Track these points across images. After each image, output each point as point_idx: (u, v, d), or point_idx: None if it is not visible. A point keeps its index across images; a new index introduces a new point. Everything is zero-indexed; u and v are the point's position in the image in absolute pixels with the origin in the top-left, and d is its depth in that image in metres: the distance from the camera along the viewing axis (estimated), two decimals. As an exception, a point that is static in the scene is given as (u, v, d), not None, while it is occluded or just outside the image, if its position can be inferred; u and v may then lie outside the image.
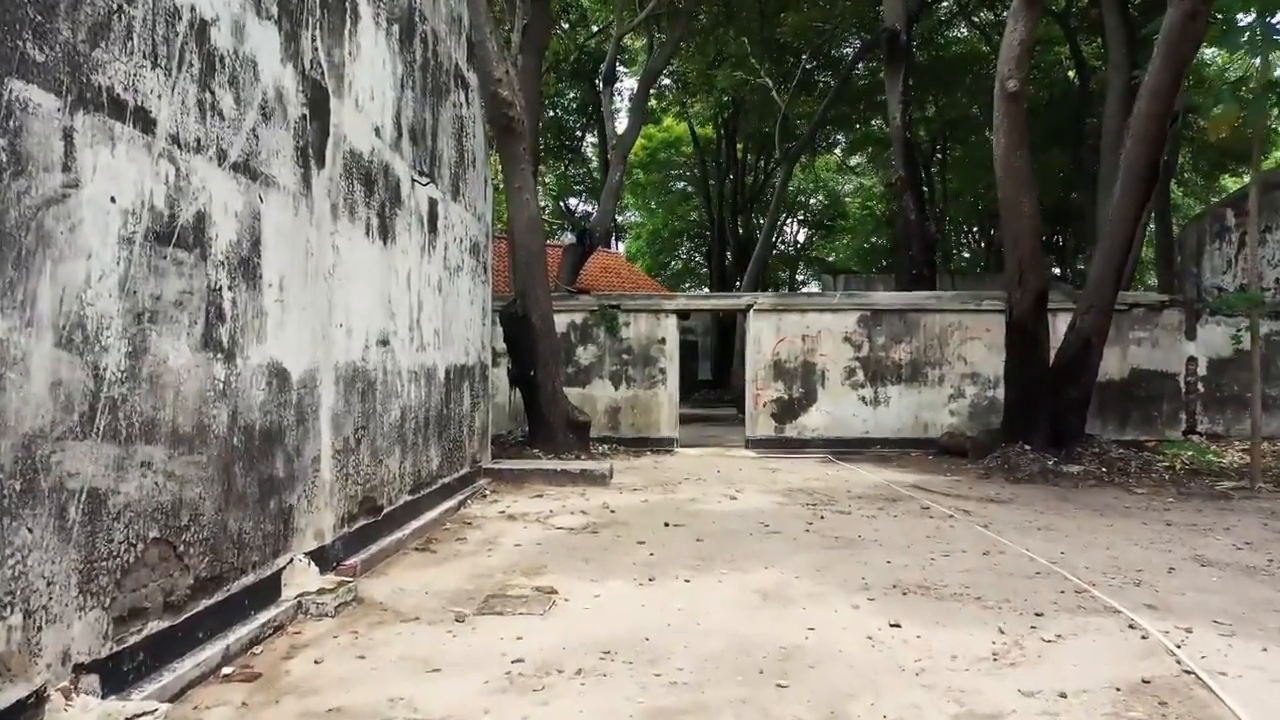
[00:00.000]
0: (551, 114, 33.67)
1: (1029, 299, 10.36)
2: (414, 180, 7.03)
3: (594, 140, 34.72)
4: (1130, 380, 13.13)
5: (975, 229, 37.40)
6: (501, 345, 12.52)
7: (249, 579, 4.33)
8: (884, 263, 38.34)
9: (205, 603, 3.91)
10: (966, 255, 39.22)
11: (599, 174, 32.70)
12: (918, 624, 4.57)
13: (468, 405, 8.96)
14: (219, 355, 4.04)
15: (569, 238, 16.21)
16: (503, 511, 8.03)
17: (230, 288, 4.14)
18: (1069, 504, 8.49)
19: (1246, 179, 31.84)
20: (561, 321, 13.30)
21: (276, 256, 4.63)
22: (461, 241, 8.65)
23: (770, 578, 5.55)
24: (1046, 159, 26.68)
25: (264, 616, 4.36)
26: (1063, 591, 5.21)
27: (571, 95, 33.28)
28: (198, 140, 3.85)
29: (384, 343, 6.33)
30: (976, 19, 25.32)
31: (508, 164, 11.70)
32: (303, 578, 4.87)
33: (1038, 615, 4.70)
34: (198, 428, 3.85)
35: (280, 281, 4.68)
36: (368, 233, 6.02)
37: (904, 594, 5.18)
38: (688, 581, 5.44)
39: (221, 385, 4.06)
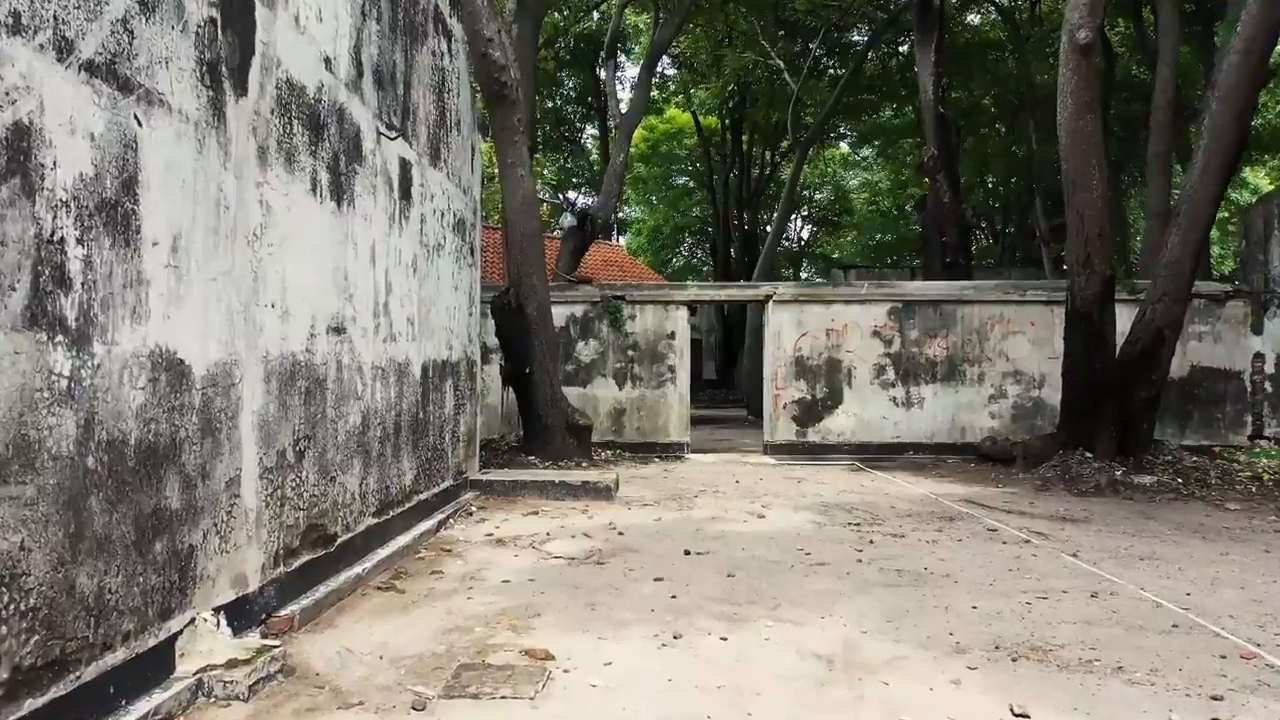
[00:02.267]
0: (550, 104, 32.48)
1: (1095, 284, 9.08)
2: (380, 133, 5.75)
3: (594, 132, 33.53)
4: (1189, 379, 11.86)
5: (984, 223, 36.14)
6: (494, 340, 11.27)
7: (117, 656, 3.06)
8: (890, 260, 37.09)
9: (31, 704, 2.64)
10: (973, 251, 37.91)
11: (599, 167, 31.47)
12: (1050, 711, 3.30)
13: (450, 407, 7.69)
14: (59, 337, 2.76)
15: (568, 219, 14.88)
16: (490, 534, 6.76)
17: (82, 241, 2.87)
18: (1157, 524, 7.23)
19: (1264, 173, 30.58)
20: (560, 314, 12.03)
21: (167, 204, 3.35)
22: (443, 215, 7.38)
23: (831, 632, 4.28)
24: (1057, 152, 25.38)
25: (142, 708, 3.09)
26: (1223, 656, 3.94)
27: (571, 84, 32.11)
28: (15, 15, 2.57)
29: (338, 330, 5.06)
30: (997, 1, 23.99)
31: (500, 136, 10.43)
32: (209, 644, 3.59)
33: (1215, 699, 3.43)
34: (17, 445, 2.58)
35: (175, 240, 3.40)
36: (314, 190, 4.74)
37: (1013, 659, 3.90)
38: (724, 639, 4.17)
39: (66, 382, 2.79)
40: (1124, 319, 10.03)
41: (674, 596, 4.92)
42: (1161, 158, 13.47)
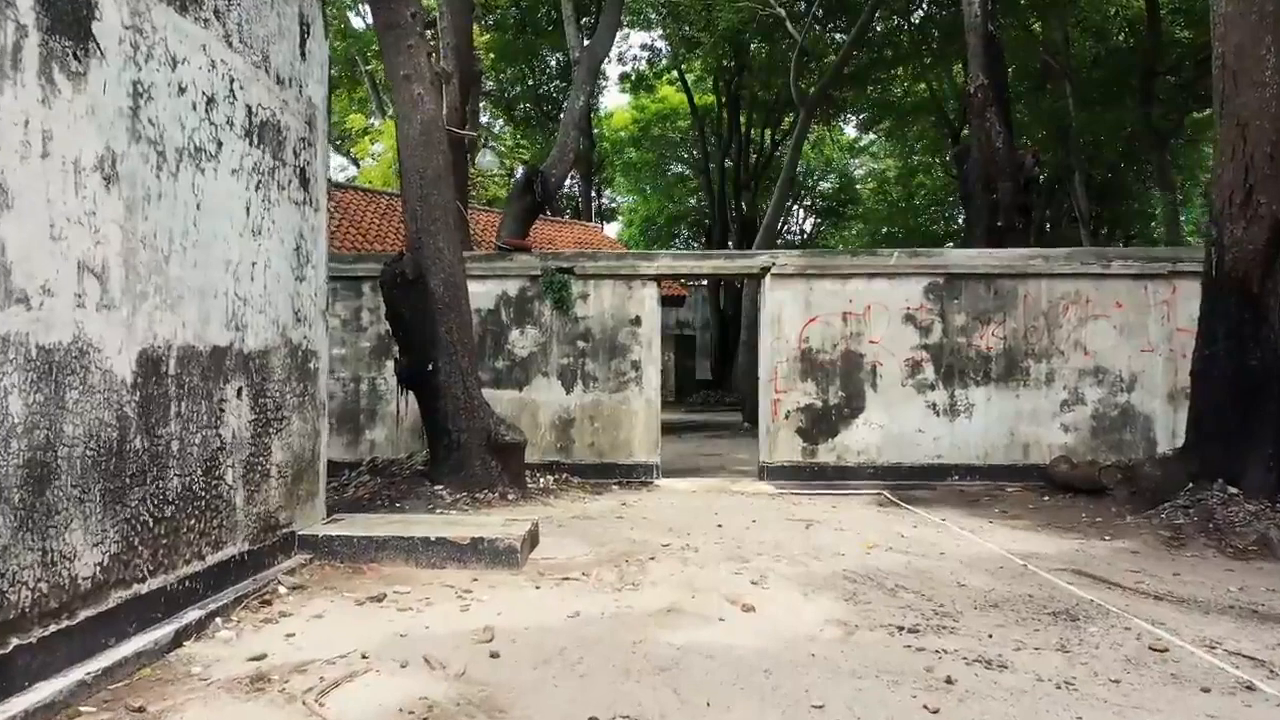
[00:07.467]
0: (531, 81, 29.78)
1: (1260, 232, 6.06)
2: None
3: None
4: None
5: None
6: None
7: None
8: (898, 254, 34.16)
9: None
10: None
11: (584, 147, 28.54)
12: None
13: (242, 425, 4.70)
14: None
15: (484, 156, 11.92)
16: (260, 657, 3.76)
17: None
18: None
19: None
20: (487, 291, 9.08)
21: None
22: (212, 103, 4.39)
23: None
24: (1099, 123, 22.61)
25: None
26: None
27: (553, 61, 29.46)
28: None
29: None
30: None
31: (386, 36, 7.50)
32: None
33: None
34: None
35: None
36: None
37: None
38: None
39: None
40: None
41: None
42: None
